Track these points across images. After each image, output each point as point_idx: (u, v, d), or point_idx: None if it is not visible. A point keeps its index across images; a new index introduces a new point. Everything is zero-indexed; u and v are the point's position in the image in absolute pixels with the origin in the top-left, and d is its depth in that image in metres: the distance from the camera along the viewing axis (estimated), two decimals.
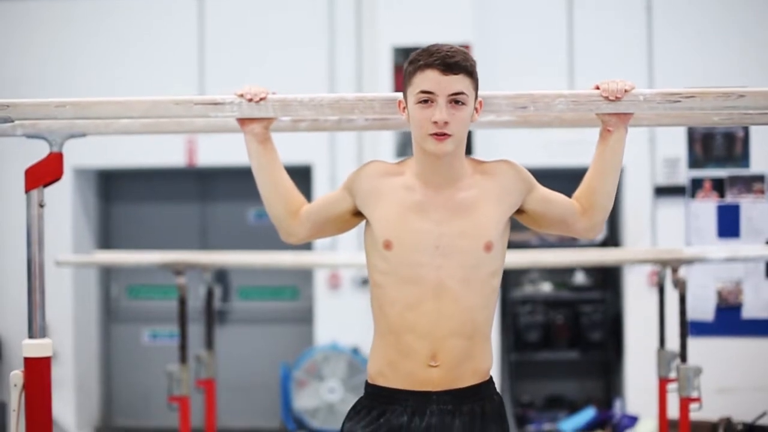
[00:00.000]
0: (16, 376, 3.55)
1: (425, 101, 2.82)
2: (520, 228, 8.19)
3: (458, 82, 2.81)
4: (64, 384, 8.30)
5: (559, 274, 8.39)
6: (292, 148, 8.23)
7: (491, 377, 3.05)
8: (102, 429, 8.82)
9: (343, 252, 7.93)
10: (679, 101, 2.87)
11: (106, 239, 8.91)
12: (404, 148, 7.77)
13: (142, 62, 8.26)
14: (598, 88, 2.88)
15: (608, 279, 8.42)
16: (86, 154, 8.00)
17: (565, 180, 8.33)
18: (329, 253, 7.95)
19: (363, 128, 3.39)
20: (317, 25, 8.22)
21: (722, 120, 3.33)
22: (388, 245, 2.94)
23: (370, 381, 3.05)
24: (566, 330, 8.36)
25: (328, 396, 7.98)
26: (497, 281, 3.03)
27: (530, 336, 8.30)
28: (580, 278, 8.38)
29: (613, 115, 2.93)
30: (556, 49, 8.02)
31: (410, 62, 2.87)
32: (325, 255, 7.67)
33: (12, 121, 3.04)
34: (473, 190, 2.95)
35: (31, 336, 3.61)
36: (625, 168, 8.00)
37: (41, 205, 3.57)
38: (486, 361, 3.00)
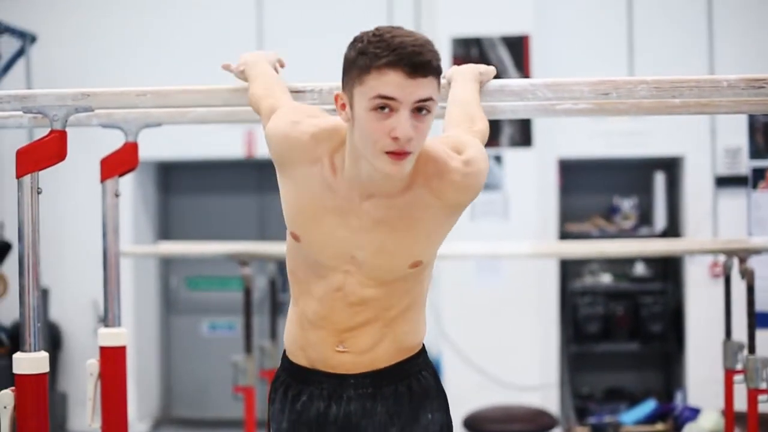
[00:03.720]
0: (92, 365, 3.58)
1: (382, 108, 2.31)
2: (580, 219, 8.20)
3: (426, 87, 2.31)
4: None
5: (620, 265, 8.34)
6: None
7: (422, 350, 2.72)
8: (162, 420, 8.87)
9: None
10: (763, 87, 2.82)
11: (165, 231, 8.96)
12: None
13: (200, 53, 8.25)
14: None
15: (669, 270, 8.35)
16: (146, 146, 8.02)
17: (623, 170, 8.36)
18: None
19: (439, 116, 3.36)
20: (376, 15, 8.19)
21: None
22: (295, 237, 2.58)
23: (286, 354, 2.76)
24: (626, 321, 8.30)
25: None
26: (429, 271, 2.65)
27: (590, 328, 8.25)
28: (640, 269, 8.32)
29: None
30: (615, 38, 7.95)
31: (361, 52, 2.32)
32: None
33: (92, 110, 3.06)
34: (413, 207, 2.50)
35: (106, 325, 3.64)
36: (685, 157, 7.94)
37: (117, 195, 3.60)
38: (410, 336, 2.66)
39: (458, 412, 7.54)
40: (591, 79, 2.86)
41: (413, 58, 2.28)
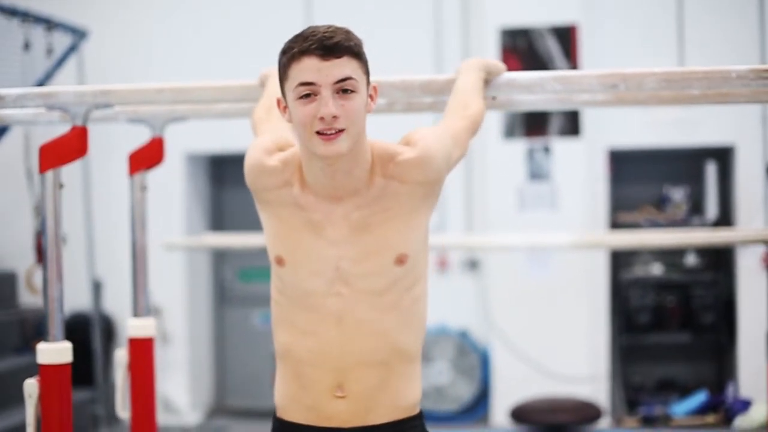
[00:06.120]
0: (121, 355, 3.65)
1: (307, 95, 2.41)
2: (630, 209, 8.16)
3: (343, 67, 2.40)
4: (178, 366, 8.46)
5: (670, 256, 8.27)
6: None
7: (420, 413, 2.63)
8: (215, 410, 8.97)
9: (451, 233, 7.93)
10: None
11: (219, 223, 9.05)
12: (512, 128, 7.74)
13: (247, 49, 8.30)
14: None
15: (721, 261, 8.28)
16: (198, 140, 8.14)
17: (674, 159, 8.30)
18: (437, 234, 7.92)
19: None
20: (423, 6, 8.21)
21: None
22: (280, 261, 2.58)
23: (276, 414, 2.66)
24: (677, 312, 8.25)
25: (437, 378, 7.96)
26: (420, 288, 2.60)
27: (641, 318, 8.22)
28: (691, 260, 8.26)
29: None
30: (665, 27, 7.87)
31: (283, 52, 2.47)
32: (433, 236, 7.63)
33: (112, 107, 3.12)
34: (382, 199, 2.53)
35: (135, 316, 3.71)
36: (736, 146, 7.87)
37: (143, 189, 3.66)
38: (409, 393, 2.59)
39: (507, 402, 7.55)
40: (599, 72, 2.88)
41: (324, 41, 2.39)
